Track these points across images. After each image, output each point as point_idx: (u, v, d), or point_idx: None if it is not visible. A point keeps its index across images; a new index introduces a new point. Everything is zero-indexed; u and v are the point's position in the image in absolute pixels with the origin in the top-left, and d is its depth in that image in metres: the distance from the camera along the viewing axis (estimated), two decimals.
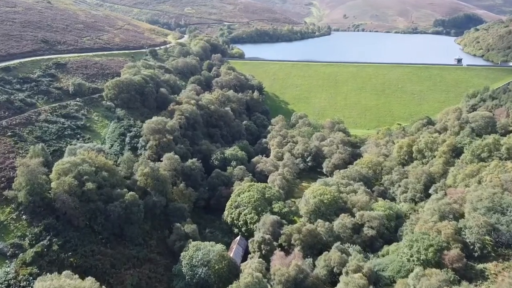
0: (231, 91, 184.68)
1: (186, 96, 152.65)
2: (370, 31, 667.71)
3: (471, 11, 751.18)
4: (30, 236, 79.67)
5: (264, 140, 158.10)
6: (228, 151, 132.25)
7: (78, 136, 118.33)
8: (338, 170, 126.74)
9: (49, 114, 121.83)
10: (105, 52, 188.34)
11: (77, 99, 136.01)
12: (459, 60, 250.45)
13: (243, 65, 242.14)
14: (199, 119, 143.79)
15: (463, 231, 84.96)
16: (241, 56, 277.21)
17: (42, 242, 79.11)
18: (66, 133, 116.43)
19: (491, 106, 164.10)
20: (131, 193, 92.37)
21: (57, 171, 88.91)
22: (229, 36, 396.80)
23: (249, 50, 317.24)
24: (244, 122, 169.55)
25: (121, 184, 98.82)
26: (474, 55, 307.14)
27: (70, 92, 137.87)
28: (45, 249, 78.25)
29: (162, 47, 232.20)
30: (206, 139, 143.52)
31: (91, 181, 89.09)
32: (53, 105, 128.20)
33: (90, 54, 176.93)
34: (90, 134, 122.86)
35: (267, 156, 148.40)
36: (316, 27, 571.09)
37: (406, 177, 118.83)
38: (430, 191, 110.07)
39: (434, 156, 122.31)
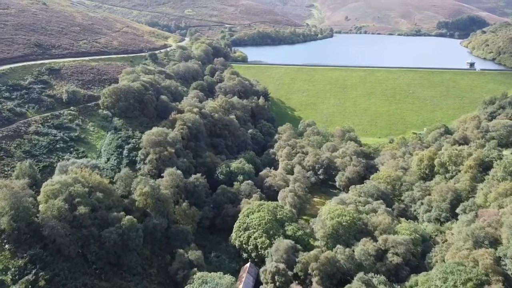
0: (235, 97, 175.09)
1: (189, 104, 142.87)
2: (373, 33, 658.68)
3: (474, 13, 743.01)
4: (13, 269, 69.65)
5: (271, 150, 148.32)
6: (234, 164, 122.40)
7: (71, 149, 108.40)
8: (354, 185, 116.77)
9: (40, 125, 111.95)
10: (103, 57, 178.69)
11: (71, 108, 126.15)
12: (472, 64, 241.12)
13: (246, 69, 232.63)
14: (202, 128, 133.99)
15: (502, 260, 75.38)
16: (244, 59, 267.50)
17: (26, 277, 69.07)
18: (58, 146, 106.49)
19: (511, 114, 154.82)
20: (128, 217, 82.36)
21: (45, 192, 79.01)
22: (231, 39, 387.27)
23: (251, 53, 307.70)
24: (250, 130, 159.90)
25: (118, 205, 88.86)
26: (485, 59, 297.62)
27: (64, 100, 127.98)
28: (30, 286, 68.35)
29: (162, 50, 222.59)
30: (210, 150, 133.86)
31: (84, 204, 79.14)
32: (45, 114, 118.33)
33: (87, 58, 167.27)
34: (84, 146, 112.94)
35: (275, 168, 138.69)
36: (319, 29, 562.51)
37: (429, 194, 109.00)
38: (457, 211, 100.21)
39: (459, 171, 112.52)
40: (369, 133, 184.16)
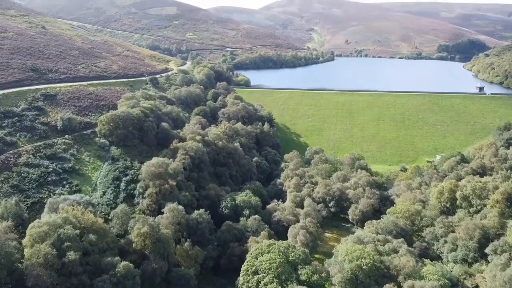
0: (239, 123, 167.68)
1: (191, 131, 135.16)
2: (373, 56, 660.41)
3: (474, 36, 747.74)
4: None
5: (278, 180, 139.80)
6: (240, 197, 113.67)
7: (64, 182, 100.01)
8: (370, 221, 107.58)
9: (31, 155, 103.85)
10: (101, 81, 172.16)
11: (66, 136, 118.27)
12: (481, 88, 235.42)
13: (250, 93, 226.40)
14: (206, 158, 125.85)
15: None
16: (247, 83, 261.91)
17: None
18: (49, 179, 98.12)
19: None
20: (124, 263, 73.38)
21: (31, 235, 70.38)
22: (232, 62, 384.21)
23: (253, 76, 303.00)
24: (255, 158, 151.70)
25: (113, 247, 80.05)
26: (491, 82, 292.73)
27: (59, 128, 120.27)
28: None
29: (163, 74, 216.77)
30: (213, 181, 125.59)
31: (74, 249, 70.43)
32: (37, 144, 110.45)
33: (84, 83, 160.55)
34: (79, 179, 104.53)
35: (283, 199, 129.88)
36: (320, 52, 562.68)
37: (453, 231, 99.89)
38: (486, 251, 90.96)
39: (484, 205, 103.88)
40: (379, 160, 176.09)
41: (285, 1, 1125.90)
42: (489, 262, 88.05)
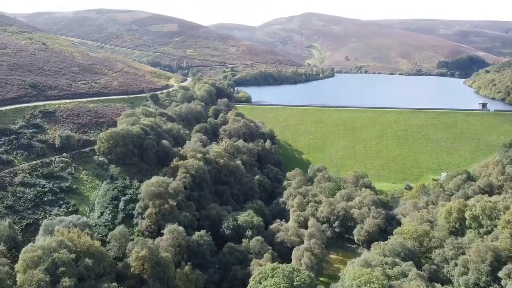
0: (241, 140, 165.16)
1: (192, 149, 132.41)
2: (373, 72, 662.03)
3: (473, 53, 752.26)
4: None
5: (281, 199, 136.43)
6: (242, 217, 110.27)
7: (61, 202, 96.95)
8: (377, 242, 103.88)
9: (27, 174, 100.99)
10: (101, 98, 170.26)
11: (64, 154, 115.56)
12: (484, 105, 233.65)
13: (251, 110, 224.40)
14: (207, 176, 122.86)
15: None
16: (247, 100, 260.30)
17: None
18: (45, 199, 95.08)
19: None
20: None
21: (24, 260, 67.00)
22: (233, 79, 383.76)
23: (254, 92, 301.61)
24: (257, 177, 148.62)
25: (110, 271, 76.59)
26: (493, 99, 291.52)
27: (57, 145, 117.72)
28: None
29: (164, 91, 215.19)
30: (214, 200, 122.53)
31: (69, 275, 67.04)
32: (34, 162, 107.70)
33: (84, 100, 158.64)
34: (76, 198, 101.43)
35: (286, 219, 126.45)
36: (320, 69, 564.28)
37: (463, 253, 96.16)
38: (499, 274, 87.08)
39: (495, 226, 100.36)
40: (383, 178, 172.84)
41: (285, 18, 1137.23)
42: (502, 287, 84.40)
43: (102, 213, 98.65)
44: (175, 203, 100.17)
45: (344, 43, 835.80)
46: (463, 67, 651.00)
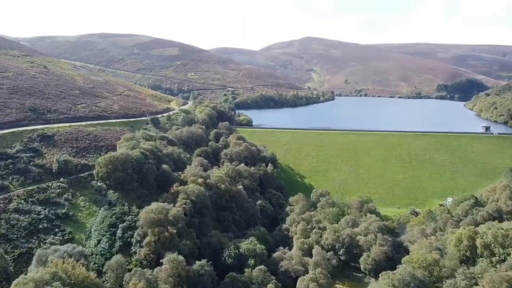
0: (242, 164, 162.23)
1: (192, 174, 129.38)
2: (373, 96, 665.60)
3: (472, 76, 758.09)
4: None
5: (284, 226, 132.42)
6: (244, 245, 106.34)
7: (56, 230, 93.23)
8: (385, 272, 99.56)
9: (22, 200, 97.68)
10: (101, 121, 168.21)
11: (61, 179, 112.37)
12: (487, 128, 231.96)
13: (252, 133, 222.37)
14: (208, 202, 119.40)
15: None
16: (249, 123, 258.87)
17: None
18: (40, 226, 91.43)
19: None
20: None
21: None
22: (234, 102, 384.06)
23: (254, 115, 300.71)
24: (259, 202, 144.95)
25: None
26: (495, 122, 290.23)
27: (54, 170, 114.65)
28: None
29: (164, 114, 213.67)
30: (216, 227, 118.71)
31: None
32: (30, 188, 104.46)
33: (84, 123, 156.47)
34: (72, 225, 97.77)
35: (289, 246, 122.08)
36: (320, 92, 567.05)
37: (476, 283, 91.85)
38: None
39: (508, 254, 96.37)
40: (387, 203, 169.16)
41: (285, 42, 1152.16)
42: None
43: (99, 241, 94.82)
44: (175, 231, 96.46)
45: (343, 67, 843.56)
46: (463, 90, 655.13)
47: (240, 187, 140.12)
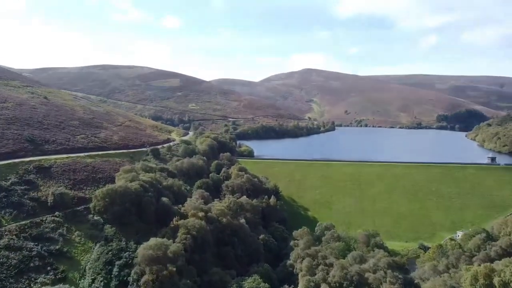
0: (244, 196, 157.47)
1: (193, 207, 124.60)
2: (373, 126, 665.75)
3: (471, 106, 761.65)
4: None
5: (288, 262, 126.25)
6: (247, 284, 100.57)
7: (49, 268, 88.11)
8: None
9: (14, 236, 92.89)
10: (100, 152, 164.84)
11: (56, 213, 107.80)
12: (493, 159, 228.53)
13: (254, 164, 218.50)
14: (209, 237, 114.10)
15: None
16: (250, 154, 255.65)
17: None
18: (32, 265, 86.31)
19: None
20: None
21: None
22: (234, 132, 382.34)
23: (256, 146, 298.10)
24: (261, 236, 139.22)
25: None
26: (500, 152, 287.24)
27: (49, 204, 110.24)
28: None
29: (165, 145, 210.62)
30: (217, 263, 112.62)
31: None
32: (23, 222, 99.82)
33: (82, 154, 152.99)
34: (66, 263, 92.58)
35: (294, 284, 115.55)
36: (321, 122, 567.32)
37: None
38: None
39: None
40: (394, 236, 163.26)
41: (285, 74, 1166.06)
42: None
43: (93, 280, 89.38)
44: (174, 269, 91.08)
45: (343, 98, 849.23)
46: (462, 120, 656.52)
47: (243, 220, 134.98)
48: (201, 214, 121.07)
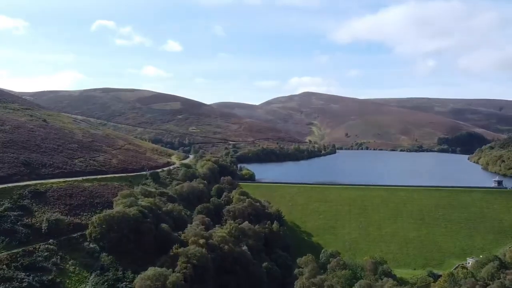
0: (246, 222, 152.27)
1: (194, 234, 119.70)
2: (374, 149, 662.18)
3: (471, 129, 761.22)
4: None
5: None
6: None
7: None
8: None
9: (4, 266, 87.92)
10: (98, 176, 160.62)
11: (50, 240, 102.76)
12: (500, 182, 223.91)
13: (255, 188, 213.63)
14: (210, 265, 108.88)
15: None
16: (251, 177, 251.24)
17: None
18: None
19: None
20: None
21: None
22: (235, 155, 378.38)
23: (256, 169, 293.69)
24: (265, 264, 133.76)
25: None
26: (505, 175, 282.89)
27: (43, 231, 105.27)
28: None
29: (165, 168, 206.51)
30: None
31: None
32: (15, 250, 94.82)
33: (79, 178, 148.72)
34: None
35: None
36: (322, 145, 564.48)
37: None
38: None
39: None
40: (402, 263, 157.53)
41: (285, 97, 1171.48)
42: None
43: None
44: None
45: (343, 120, 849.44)
46: (463, 143, 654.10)
47: (245, 247, 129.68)
48: (202, 241, 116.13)
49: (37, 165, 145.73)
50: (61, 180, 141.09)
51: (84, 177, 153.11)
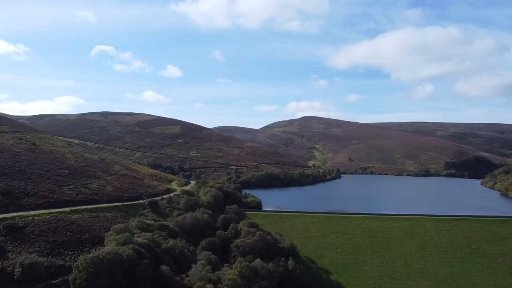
0: (258, 259, 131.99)
1: (200, 277, 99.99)
2: (379, 173, 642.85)
3: (476, 153, 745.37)
4: None
5: None
6: None
7: None
8: None
9: None
10: (90, 206, 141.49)
11: None
12: None
13: (264, 218, 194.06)
14: None
15: None
16: (258, 205, 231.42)
17: None
18: None
19: None
20: None
21: None
22: (238, 181, 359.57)
23: (260, 195, 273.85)
24: None
25: None
26: None
27: (15, 277, 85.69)
28: None
29: (164, 196, 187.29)
30: None
31: None
32: None
33: (67, 209, 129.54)
34: None
35: None
36: (327, 170, 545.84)
37: None
38: None
39: None
40: None
41: (285, 121, 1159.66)
42: None
43: None
44: None
45: (345, 145, 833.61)
46: (470, 167, 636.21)
47: None
48: (209, 286, 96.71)
49: (18, 194, 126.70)
50: (45, 211, 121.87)
51: (73, 208, 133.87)
